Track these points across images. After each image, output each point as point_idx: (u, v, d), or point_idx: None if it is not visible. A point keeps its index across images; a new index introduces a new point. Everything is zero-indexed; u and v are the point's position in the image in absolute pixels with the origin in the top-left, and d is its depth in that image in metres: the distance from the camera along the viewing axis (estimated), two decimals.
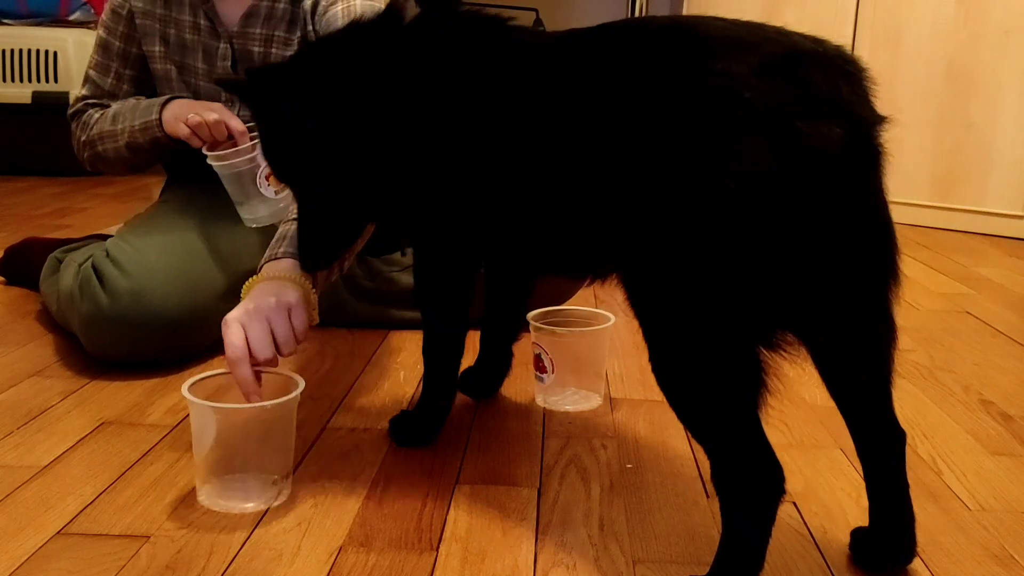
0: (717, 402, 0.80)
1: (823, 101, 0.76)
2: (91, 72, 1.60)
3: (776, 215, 0.74)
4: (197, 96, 1.54)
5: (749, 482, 0.79)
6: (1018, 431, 1.27)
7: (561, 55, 0.92)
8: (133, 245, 1.41)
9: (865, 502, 1.04)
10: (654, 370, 0.83)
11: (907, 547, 0.90)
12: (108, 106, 1.57)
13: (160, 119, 1.45)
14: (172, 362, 1.41)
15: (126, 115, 1.51)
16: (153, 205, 1.66)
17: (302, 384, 1.02)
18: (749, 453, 0.79)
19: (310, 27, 1.51)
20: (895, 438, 0.90)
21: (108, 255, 1.40)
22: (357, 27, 1.07)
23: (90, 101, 1.59)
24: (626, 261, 0.85)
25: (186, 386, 0.99)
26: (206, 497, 1.01)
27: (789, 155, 0.74)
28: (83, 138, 1.59)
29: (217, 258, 1.47)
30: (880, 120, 0.80)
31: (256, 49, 1.51)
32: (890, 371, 0.88)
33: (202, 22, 1.52)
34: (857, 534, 0.94)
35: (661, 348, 0.82)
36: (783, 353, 0.79)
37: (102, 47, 1.58)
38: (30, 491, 1.03)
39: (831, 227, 0.76)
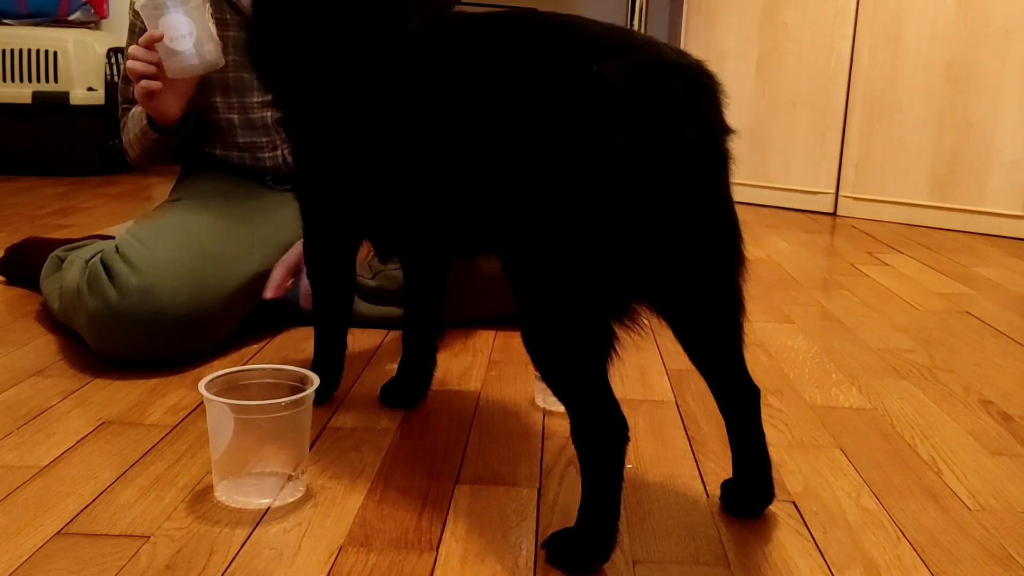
0: (574, 366, 0.89)
1: (681, 106, 0.85)
2: (120, 83, 1.70)
3: (634, 204, 0.83)
4: (226, 89, 1.56)
5: (600, 434, 0.88)
6: (1018, 431, 1.27)
7: (455, 41, 0.98)
8: (144, 242, 1.42)
9: (865, 501, 1.05)
10: (523, 337, 0.92)
11: (766, 492, 1.01)
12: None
13: (148, 119, 1.52)
14: (176, 361, 1.41)
15: (131, 126, 1.60)
16: (165, 203, 1.67)
17: (316, 381, 1.03)
18: (600, 409, 0.89)
19: None
20: (749, 395, 1.00)
21: (118, 251, 1.40)
22: None
23: (125, 106, 1.68)
24: (503, 241, 0.92)
25: (202, 384, 1.00)
26: (223, 493, 1.01)
27: (649, 151, 0.83)
28: (124, 141, 1.66)
29: (227, 258, 1.47)
30: (729, 130, 0.89)
31: None
32: (739, 337, 0.98)
33: (228, 16, 1.53)
34: (725, 485, 1.04)
35: (529, 318, 0.90)
36: (634, 324, 0.90)
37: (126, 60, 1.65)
38: (30, 491, 1.03)
39: (680, 214, 0.85)
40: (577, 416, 0.90)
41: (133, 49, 1.40)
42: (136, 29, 1.59)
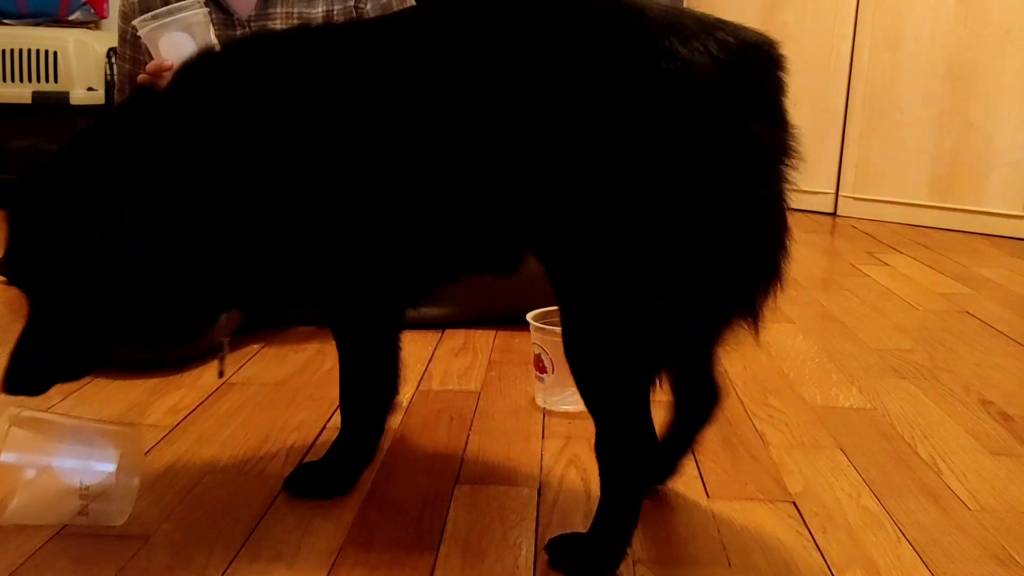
0: (627, 375, 0.85)
1: (767, 99, 0.80)
2: (115, 94, 1.72)
3: (721, 202, 0.78)
4: None
5: (635, 453, 0.87)
6: (1018, 431, 1.27)
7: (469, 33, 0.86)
8: None
9: (865, 501, 1.05)
10: (567, 343, 0.86)
11: (672, 471, 1.05)
12: None
13: None
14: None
15: None
16: None
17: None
18: (640, 424, 0.87)
19: (364, 6, 1.57)
20: (715, 393, 1.00)
21: None
22: (116, 116, 0.99)
23: None
24: (556, 242, 0.84)
25: None
26: None
27: (738, 150, 0.78)
28: None
29: None
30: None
31: (279, 26, 1.53)
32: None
33: (212, 17, 1.53)
34: None
35: (582, 323, 0.85)
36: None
37: (119, 71, 1.66)
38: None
39: (753, 215, 0.81)
40: (611, 428, 0.86)
41: (141, 78, 1.38)
42: (128, 36, 1.58)
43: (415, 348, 1.54)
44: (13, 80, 3.35)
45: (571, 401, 1.31)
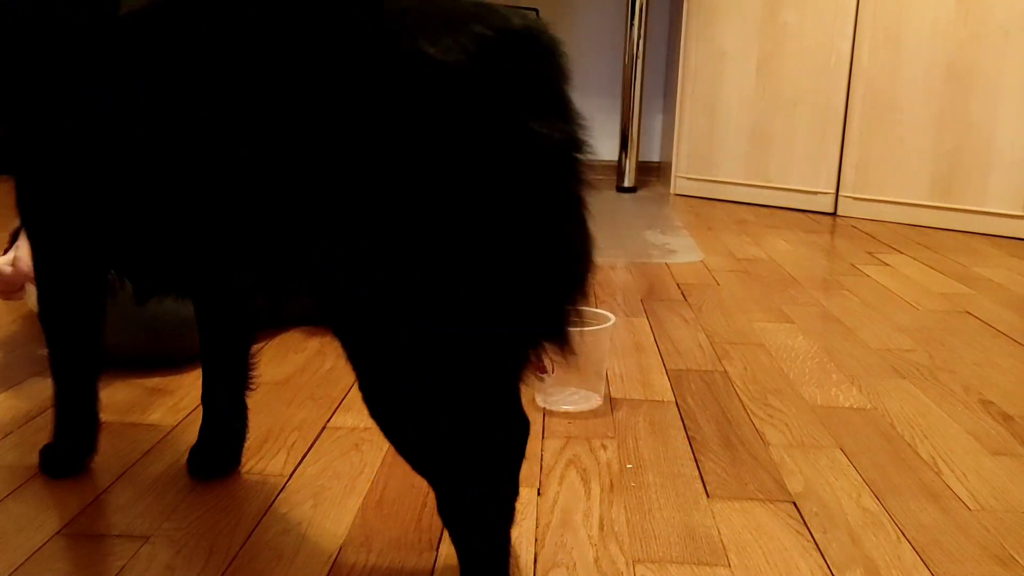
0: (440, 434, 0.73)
1: (544, 91, 0.68)
2: None
3: (520, 210, 0.66)
4: None
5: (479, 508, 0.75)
6: (1018, 431, 1.27)
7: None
8: None
9: (865, 501, 1.05)
10: (370, 400, 0.73)
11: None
12: None
13: None
14: (175, 363, 1.41)
15: None
16: None
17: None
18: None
19: None
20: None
21: None
22: None
23: None
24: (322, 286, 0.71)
25: None
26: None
27: (517, 151, 0.66)
28: None
29: None
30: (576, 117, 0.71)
31: None
32: None
33: None
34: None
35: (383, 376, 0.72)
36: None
37: None
38: (30, 491, 1.03)
39: (547, 216, 0.68)
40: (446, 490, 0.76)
41: None
42: None
43: None
44: None
45: (571, 401, 1.31)
